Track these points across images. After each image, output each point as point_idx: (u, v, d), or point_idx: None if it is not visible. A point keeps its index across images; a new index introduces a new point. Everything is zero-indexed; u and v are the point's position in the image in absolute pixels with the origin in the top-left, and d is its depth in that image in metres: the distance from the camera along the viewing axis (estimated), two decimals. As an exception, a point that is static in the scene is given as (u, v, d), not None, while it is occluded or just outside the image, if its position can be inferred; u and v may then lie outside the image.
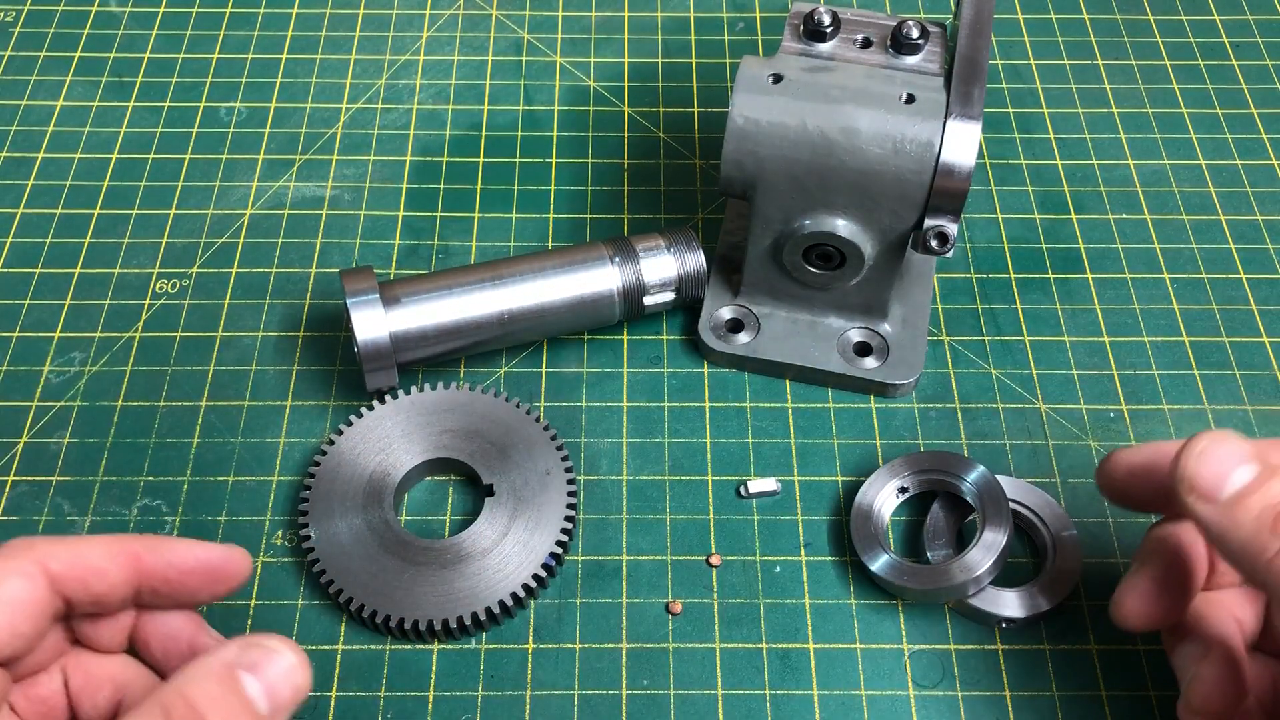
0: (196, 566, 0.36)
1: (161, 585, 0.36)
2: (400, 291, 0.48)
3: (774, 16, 0.67)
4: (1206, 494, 0.34)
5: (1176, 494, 0.35)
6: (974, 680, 0.44)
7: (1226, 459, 0.34)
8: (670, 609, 0.45)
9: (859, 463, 0.49)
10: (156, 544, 0.36)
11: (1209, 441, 0.35)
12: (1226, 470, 0.34)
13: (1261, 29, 0.66)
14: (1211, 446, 0.35)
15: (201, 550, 0.36)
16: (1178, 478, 0.35)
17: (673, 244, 0.50)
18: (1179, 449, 0.35)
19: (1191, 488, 0.34)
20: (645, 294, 0.50)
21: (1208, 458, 0.34)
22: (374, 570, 0.44)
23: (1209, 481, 0.34)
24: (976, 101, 0.44)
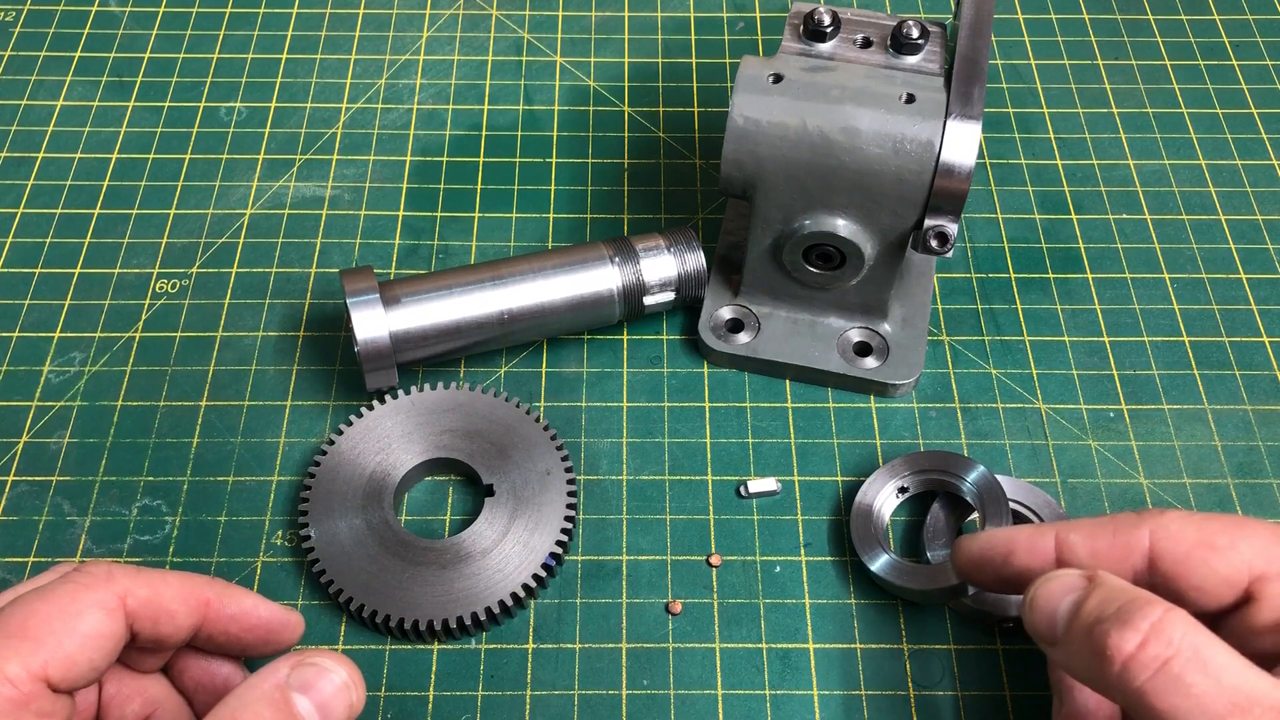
0: (258, 624, 0.37)
1: (220, 635, 0.37)
2: (400, 291, 0.48)
3: (774, 16, 0.67)
4: (1047, 638, 0.34)
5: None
6: (974, 680, 0.44)
7: (1051, 598, 0.34)
8: (670, 609, 0.45)
9: (859, 463, 0.49)
10: (225, 593, 0.37)
11: (1038, 586, 0.34)
12: (1054, 609, 0.33)
13: (1261, 29, 0.66)
14: (1040, 591, 0.34)
15: (265, 610, 0.37)
16: (1029, 630, 0.35)
17: (673, 244, 0.50)
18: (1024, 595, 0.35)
19: (1036, 637, 0.34)
20: (645, 294, 0.50)
21: (1038, 602, 0.34)
22: (374, 570, 0.44)
23: (1044, 627, 0.34)
24: (976, 101, 0.44)
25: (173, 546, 0.46)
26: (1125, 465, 0.49)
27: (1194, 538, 0.34)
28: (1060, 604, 0.33)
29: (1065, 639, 0.33)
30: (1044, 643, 0.34)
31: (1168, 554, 0.35)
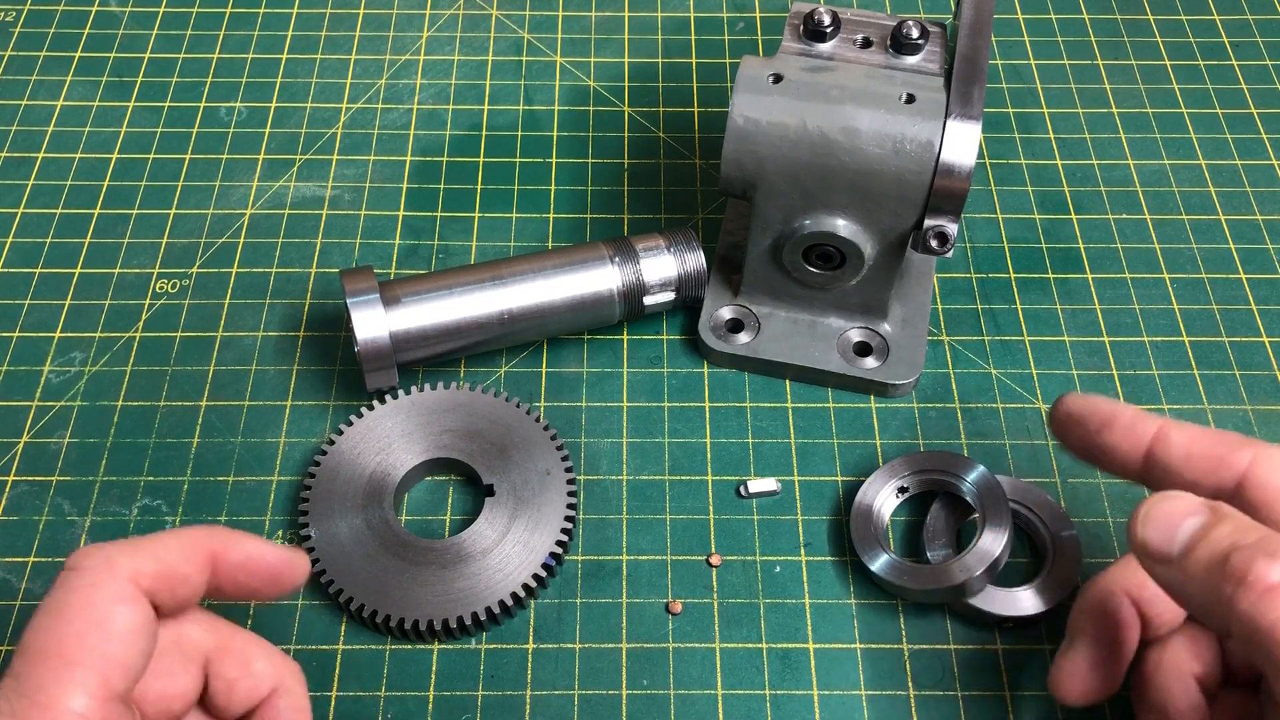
0: (265, 569, 0.37)
1: (229, 584, 0.36)
2: (400, 291, 0.48)
3: (774, 16, 0.67)
4: (1160, 556, 0.33)
5: (1140, 562, 0.34)
6: (974, 680, 0.44)
7: (1172, 516, 0.34)
8: (670, 609, 0.45)
9: (859, 463, 0.49)
10: (229, 542, 0.36)
11: (1154, 503, 0.34)
12: (1173, 528, 0.33)
13: (1261, 29, 0.66)
14: (1156, 508, 0.34)
15: (271, 554, 0.37)
16: (1134, 547, 0.34)
17: (673, 244, 0.50)
18: (1133, 511, 0.35)
19: (1146, 553, 0.34)
20: (645, 294, 0.50)
21: (1154, 519, 0.34)
22: (374, 570, 0.44)
23: (1158, 543, 0.34)
24: (976, 101, 0.44)
25: (173, 546, 0.46)
26: (1125, 465, 0.49)
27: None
28: (1183, 524, 0.33)
29: (1185, 559, 0.32)
30: (1154, 560, 0.33)
31: (1266, 485, 0.35)
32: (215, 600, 0.37)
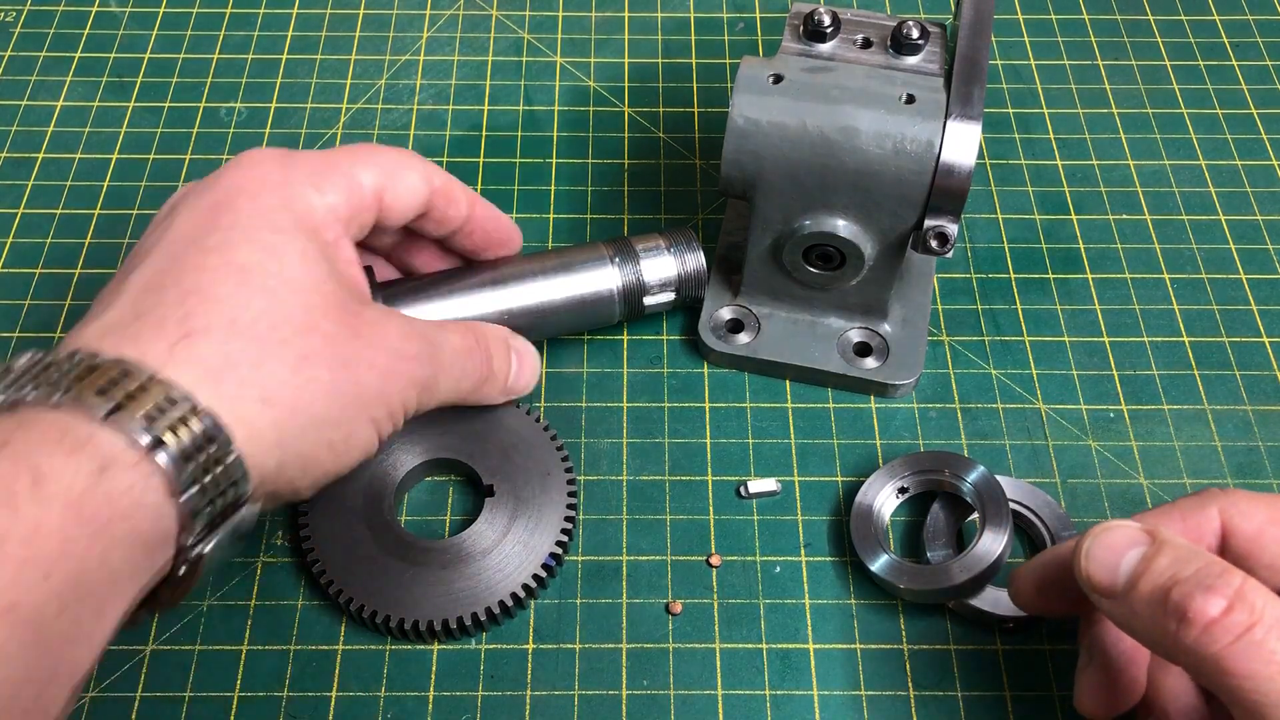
0: (501, 229, 0.47)
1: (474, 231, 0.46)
2: (399, 291, 0.48)
3: (774, 16, 0.67)
4: (1105, 590, 0.34)
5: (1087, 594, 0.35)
6: (974, 680, 0.44)
7: (1114, 549, 0.34)
8: (670, 609, 0.45)
9: (859, 463, 0.49)
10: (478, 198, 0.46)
11: (1095, 536, 0.34)
12: (1115, 561, 0.33)
13: (1261, 29, 0.66)
14: (1099, 541, 0.34)
15: (507, 219, 0.47)
16: (1080, 582, 0.35)
17: (673, 244, 0.50)
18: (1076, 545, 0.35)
19: (1092, 588, 0.34)
20: (645, 294, 0.50)
21: (1096, 553, 0.34)
22: (374, 570, 0.44)
23: (1102, 578, 0.34)
24: (976, 101, 0.44)
25: (173, 547, 0.46)
26: (1125, 465, 0.49)
27: (1265, 515, 0.35)
28: (1124, 557, 0.33)
29: (1129, 595, 0.33)
30: (1099, 594, 0.34)
31: (1240, 531, 0.35)
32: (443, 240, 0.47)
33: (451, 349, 0.41)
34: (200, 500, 0.32)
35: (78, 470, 0.29)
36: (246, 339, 0.34)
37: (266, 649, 0.44)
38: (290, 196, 0.38)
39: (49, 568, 0.28)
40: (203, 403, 0.32)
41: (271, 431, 0.34)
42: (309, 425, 0.35)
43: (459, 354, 0.42)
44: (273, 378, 0.34)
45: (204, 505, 0.32)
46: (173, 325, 0.33)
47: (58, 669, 0.29)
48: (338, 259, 0.39)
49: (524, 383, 0.46)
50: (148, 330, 0.33)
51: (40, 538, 0.28)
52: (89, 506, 0.29)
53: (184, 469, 0.31)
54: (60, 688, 0.29)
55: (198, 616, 0.45)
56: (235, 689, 0.43)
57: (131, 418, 0.30)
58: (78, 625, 0.29)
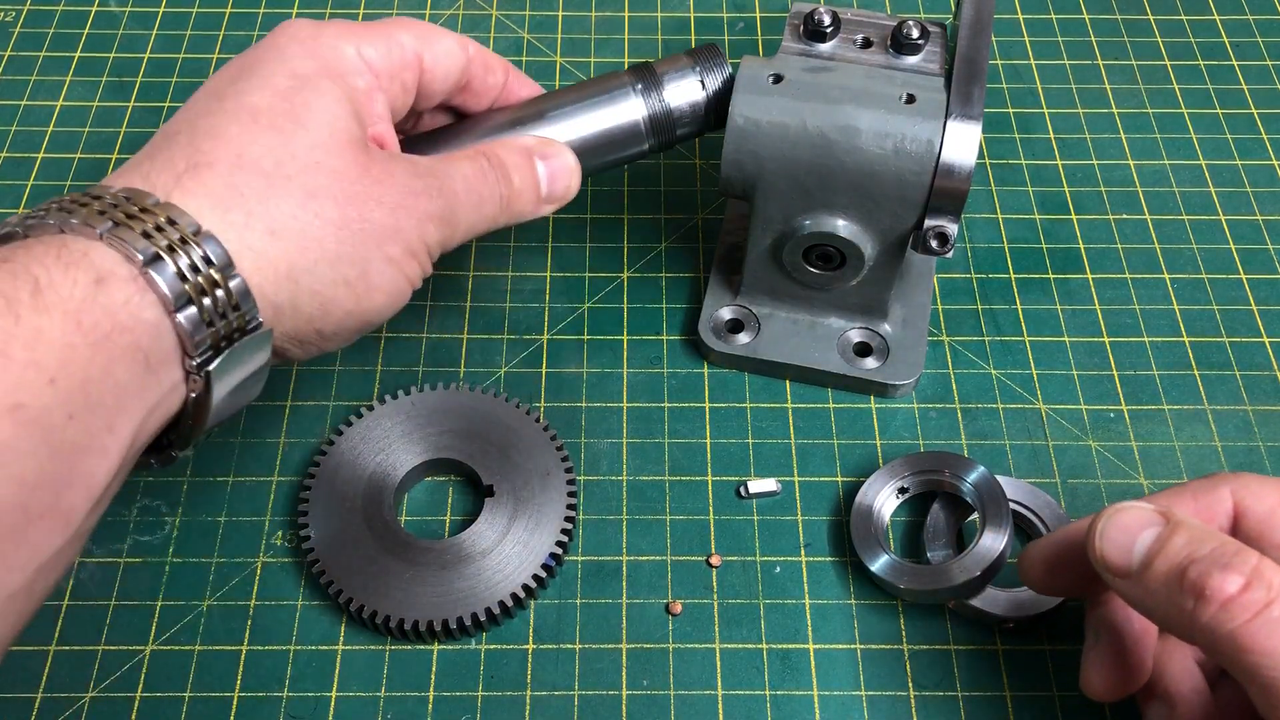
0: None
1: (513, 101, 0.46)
2: (417, 141, 0.46)
3: (774, 16, 0.67)
4: (1119, 571, 0.34)
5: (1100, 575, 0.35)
6: (974, 680, 0.44)
7: (1128, 530, 0.34)
8: (670, 609, 0.45)
9: (859, 463, 0.49)
10: (517, 71, 0.47)
11: (1109, 516, 0.35)
12: (1130, 541, 0.34)
13: (1261, 29, 0.66)
14: (1112, 522, 0.35)
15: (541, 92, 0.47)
16: (1094, 562, 0.35)
17: (699, 63, 0.47)
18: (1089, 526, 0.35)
19: (1106, 567, 0.35)
20: (676, 123, 0.47)
21: (1110, 533, 0.35)
22: (374, 570, 0.44)
23: (1116, 558, 0.34)
24: (977, 101, 0.44)
25: (172, 546, 0.46)
26: (1125, 465, 0.49)
27: (1277, 497, 0.35)
28: (1138, 537, 0.34)
29: (1143, 574, 0.33)
30: (1113, 574, 0.34)
31: (1252, 512, 0.35)
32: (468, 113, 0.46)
33: (463, 177, 0.41)
34: (201, 320, 0.32)
35: (75, 282, 0.30)
36: (252, 173, 0.35)
37: (266, 649, 0.44)
38: (318, 47, 0.39)
39: (53, 373, 0.29)
40: (206, 227, 0.33)
41: (281, 263, 0.35)
42: (320, 260, 0.35)
43: (471, 181, 0.41)
44: (279, 210, 0.35)
45: (205, 326, 0.32)
46: (181, 160, 0.34)
47: (73, 476, 0.30)
48: (364, 107, 0.39)
49: (561, 187, 0.44)
50: (157, 166, 0.34)
51: (42, 344, 0.29)
52: (88, 317, 0.30)
53: (181, 286, 0.32)
54: (78, 496, 0.30)
55: (197, 617, 0.45)
56: (235, 689, 0.43)
57: (129, 235, 0.31)
58: (88, 435, 0.30)
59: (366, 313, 0.38)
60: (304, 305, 0.36)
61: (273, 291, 0.35)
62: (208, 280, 0.32)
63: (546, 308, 0.54)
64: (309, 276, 0.35)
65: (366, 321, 0.38)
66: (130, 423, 0.31)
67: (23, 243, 0.31)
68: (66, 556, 0.31)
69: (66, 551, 0.31)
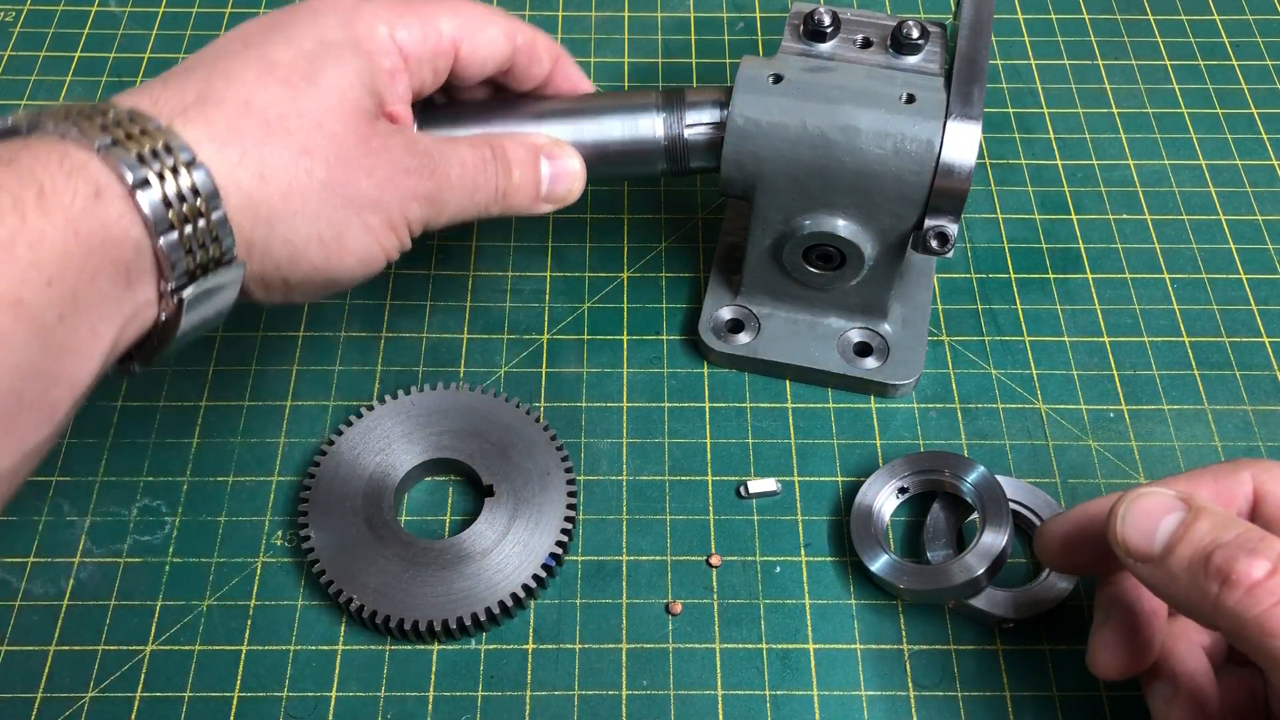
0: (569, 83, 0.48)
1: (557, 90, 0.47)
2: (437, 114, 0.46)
3: (774, 16, 0.67)
4: (1141, 555, 0.34)
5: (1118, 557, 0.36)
6: (974, 680, 0.44)
7: (1150, 515, 0.34)
8: (670, 609, 0.45)
9: (859, 463, 0.49)
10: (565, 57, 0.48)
11: (1131, 501, 0.35)
12: (1152, 526, 0.34)
13: (1261, 29, 0.66)
14: (1134, 506, 0.35)
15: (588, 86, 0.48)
16: (1115, 546, 0.35)
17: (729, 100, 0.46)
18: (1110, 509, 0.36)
19: (1127, 552, 0.35)
20: (690, 152, 0.47)
21: (1132, 518, 0.35)
22: (374, 570, 0.44)
23: (1139, 543, 0.34)
24: (977, 101, 0.44)
25: (172, 546, 0.46)
26: (1125, 465, 0.49)
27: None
28: (1161, 522, 0.34)
29: (1168, 559, 0.33)
30: (1136, 559, 0.35)
31: (1272, 496, 0.36)
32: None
33: (460, 163, 0.41)
34: (180, 247, 0.33)
35: (76, 192, 0.31)
36: (256, 119, 0.36)
37: (266, 649, 0.44)
38: (353, 19, 0.40)
39: (51, 274, 0.31)
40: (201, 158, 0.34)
41: (263, 207, 0.36)
42: (300, 213, 0.37)
43: (469, 167, 0.42)
44: (273, 159, 0.36)
45: (184, 253, 0.34)
46: (191, 92, 0.36)
47: (60, 373, 0.32)
48: (384, 86, 0.40)
49: (561, 189, 0.44)
50: (168, 93, 0.36)
51: (44, 246, 0.31)
52: (85, 226, 0.31)
53: (165, 212, 0.33)
54: (64, 393, 0.32)
55: (197, 616, 0.45)
56: (235, 689, 0.43)
57: (125, 153, 0.32)
58: (75, 336, 0.32)
59: (335, 272, 0.39)
60: (275, 251, 0.37)
61: (249, 230, 0.36)
62: (191, 210, 0.33)
63: (546, 308, 0.54)
64: (285, 226, 0.36)
65: (333, 280, 0.39)
66: (110, 331, 0.33)
67: (24, 143, 0.32)
68: (46, 448, 0.33)
69: (46, 444, 0.33)
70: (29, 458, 0.32)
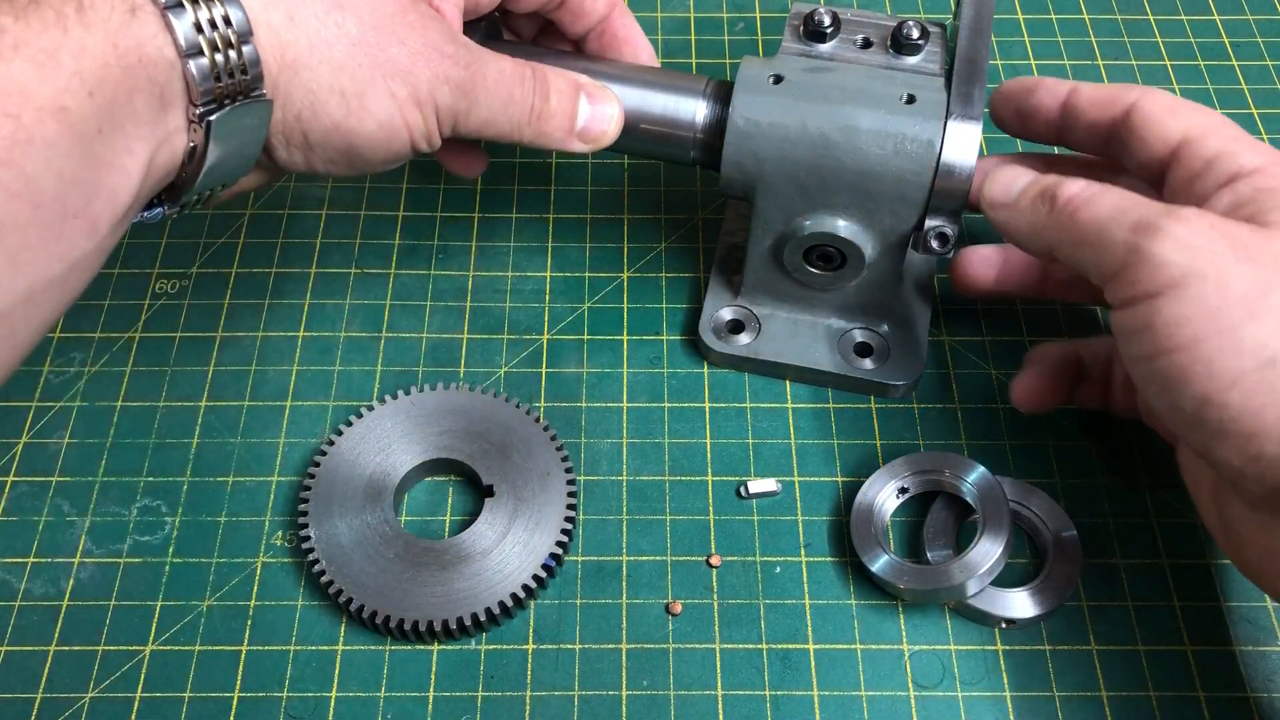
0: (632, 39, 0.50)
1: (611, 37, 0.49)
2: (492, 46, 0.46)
3: (774, 16, 0.67)
4: (999, 203, 0.43)
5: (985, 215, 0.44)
6: (974, 680, 0.44)
7: (1012, 175, 0.43)
8: (670, 609, 0.45)
9: (859, 463, 0.49)
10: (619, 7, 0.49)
11: (995, 169, 0.43)
12: (1010, 183, 0.42)
13: (1261, 29, 0.66)
14: (998, 171, 0.43)
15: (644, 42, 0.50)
16: (981, 200, 0.43)
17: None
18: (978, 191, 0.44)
19: (989, 203, 0.43)
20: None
21: (996, 179, 0.43)
22: (374, 570, 0.44)
23: (998, 193, 0.43)
24: (977, 102, 0.44)
25: (172, 547, 0.46)
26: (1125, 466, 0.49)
27: (1164, 104, 0.43)
28: (1017, 179, 0.42)
29: (1018, 200, 0.42)
30: (995, 206, 0.43)
31: (1140, 109, 0.43)
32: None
33: (498, 70, 0.42)
34: (209, 73, 0.35)
35: (113, 7, 0.33)
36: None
37: (266, 649, 0.44)
38: None
39: (92, 86, 0.32)
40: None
41: (290, 49, 0.37)
42: (325, 63, 0.37)
43: (507, 76, 0.42)
44: (305, 8, 0.37)
45: (213, 80, 0.35)
46: None
47: (100, 186, 0.33)
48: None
49: (597, 129, 0.45)
50: None
51: (86, 58, 0.32)
52: (122, 42, 0.33)
53: (196, 37, 0.34)
54: (104, 207, 0.33)
55: (197, 616, 0.45)
56: (235, 689, 0.43)
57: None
58: (113, 151, 0.33)
59: (355, 133, 0.39)
60: (296, 98, 0.38)
61: (276, 71, 0.37)
62: (223, 39, 0.34)
63: (546, 308, 0.54)
64: (309, 73, 0.37)
65: (352, 144, 0.39)
66: (145, 150, 0.34)
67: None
68: (92, 263, 0.34)
69: (92, 259, 0.34)
70: (75, 270, 0.34)
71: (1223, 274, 0.35)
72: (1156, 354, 0.36)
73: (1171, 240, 0.36)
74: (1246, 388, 0.34)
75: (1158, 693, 0.43)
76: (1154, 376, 0.36)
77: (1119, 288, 0.37)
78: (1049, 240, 0.40)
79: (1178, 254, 0.35)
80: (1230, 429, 0.35)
